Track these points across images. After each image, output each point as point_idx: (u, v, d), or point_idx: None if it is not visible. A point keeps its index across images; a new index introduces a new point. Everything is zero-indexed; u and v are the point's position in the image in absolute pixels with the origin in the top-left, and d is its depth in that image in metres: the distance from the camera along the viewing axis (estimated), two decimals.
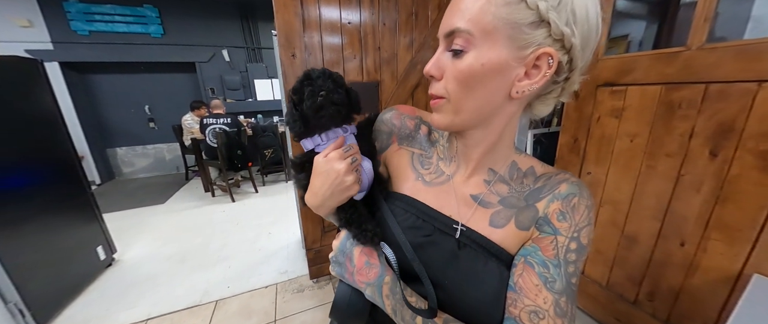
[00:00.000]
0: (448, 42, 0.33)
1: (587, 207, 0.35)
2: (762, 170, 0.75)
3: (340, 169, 0.38)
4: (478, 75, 0.32)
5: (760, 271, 0.77)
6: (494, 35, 0.30)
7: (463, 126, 0.37)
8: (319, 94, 0.38)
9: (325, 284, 1.65)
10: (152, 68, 4.01)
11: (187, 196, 3.33)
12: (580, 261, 0.34)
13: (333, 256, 0.44)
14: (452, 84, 0.33)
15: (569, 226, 0.35)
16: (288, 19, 1.24)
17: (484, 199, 0.40)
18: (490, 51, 0.30)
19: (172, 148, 4.38)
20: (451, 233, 0.39)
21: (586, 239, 0.35)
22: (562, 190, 0.36)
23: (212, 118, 3.03)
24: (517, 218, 0.37)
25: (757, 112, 0.75)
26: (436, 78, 0.35)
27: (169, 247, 2.16)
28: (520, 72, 0.31)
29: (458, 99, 0.34)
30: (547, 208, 0.36)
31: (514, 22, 0.29)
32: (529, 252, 0.35)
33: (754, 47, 0.75)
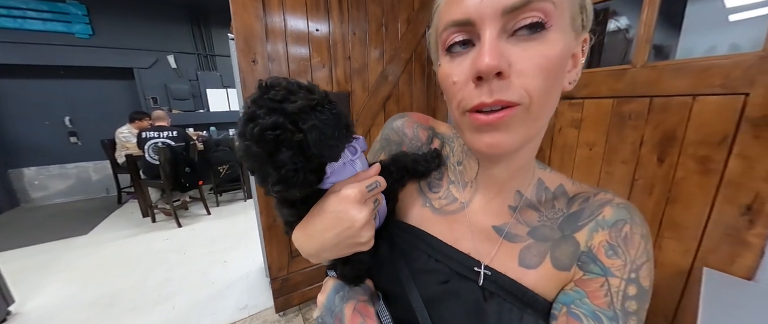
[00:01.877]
0: (510, 19, 0.23)
1: (642, 236, 0.28)
2: (702, 174, 0.85)
3: (356, 219, 0.27)
4: (563, 61, 0.25)
5: (707, 264, 0.86)
6: (565, 12, 0.24)
7: (531, 139, 0.28)
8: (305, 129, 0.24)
9: (293, 317, 1.47)
10: (76, 73, 3.42)
11: (120, 224, 2.82)
12: (643, 311, 0.27)
13: (318, 317, 0.34)
14: (536, 79, 0.24)
15: (623, 264, 0.27)
16: (247, 21, 1.13)
17: (510, 232, 0.32)
18: (565, 31, 0.25)
19: (100, 166, 3.73)
20: (473, 278, 0.30)
21: (647, 280, 0.27)
22: (608, 216, 0.29)
23: (153, 132, 2.65)
24: (554, 254, 0.30)
25: (693, 122, 0.85)
26: (503, 75, 0.24)
27: (91, 289, 1.76)
28: (569, 61, 0.27)
29: (542, 101, 0.25)
30: (590, 240, 0.29)
31: (573, 3, 0.25)
32: (573, 299, 0.27)
33: (686, 65, 0.85)
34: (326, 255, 0.31)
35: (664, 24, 1.78)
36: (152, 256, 2.14)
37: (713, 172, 0.83)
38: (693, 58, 0.84)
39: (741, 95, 0.76)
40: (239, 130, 0.25)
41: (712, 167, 0.83)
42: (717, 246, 0.85)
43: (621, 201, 0.31)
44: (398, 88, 1.56)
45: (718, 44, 1.80)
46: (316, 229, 0.29)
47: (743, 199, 0.78)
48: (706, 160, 0.84)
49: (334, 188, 0.29)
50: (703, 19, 1.71)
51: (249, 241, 2.29)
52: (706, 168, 0.84)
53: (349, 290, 0.35)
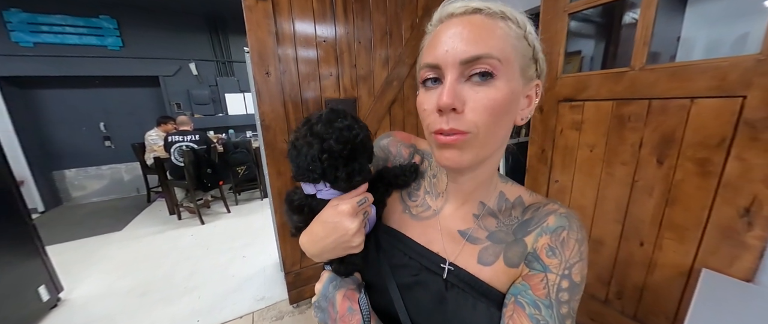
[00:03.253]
0: (467, 68, 0.30)
1: (577, 241, 0.33)
2: (701, 175, 0.85)
3: (349, 229, 0.34)
4: (507, 103, 0.31)
5: (707, 266, 0.86)
6: (513, 65, 0.31)
7: (481, 162, 0.35)
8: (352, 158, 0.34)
9: (306, 308, 1.57)
10: (109, 83, 3.72)
11: (150, 221, 3.06)
12: (574, 300, 0.32)
13: (315, 301, 0.42)
14: (482, 115, 0.30)
15: (559, 263, 0.33)
16: (261, 36, 1.22)
17: (473, 235, 0.38)
18: (511, 79, 0.31)
19: (131, 168, 4.03)
20: (439, 272, 0.37)
21: (578, 276, 0.32)
22: (551, 224, 0.34)
23: (178, 136, 2.85)
24: (506, 254, 0.35)
25: (692, 124, 0.85)
26: (457, 111, 0.30)
27: (127, 279, 1.94)
28: (523, 102, 0.34)
29: (488, 132, 0.31)
30: (535, 243, 0.34)
31: (524, 55, 0.32)
32: (520, 291, 0.33)
33: (684, 68, 0.86)
34: (326, 255, 0.38)
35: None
36: (179, 251, 2.33)
37: (712, 174, 0.83)
38: (690, 61, 0.85)
39: (738, 98, 0.77)
40: (312, 129, 0.34)
41: (711, 169, 0.83)
42: (717, 247, 0.85)
43: (564, 211, 0.36)
44: (403, 93, 1.62)
45: (751, 31, 1.70)
46: (318, 236, 0.37)
47: (742, 202, 0.79)
48: (705, 162, 0.84)
49: (332, 203, 0.36)
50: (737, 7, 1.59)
51: (265, 237, 2.42)
52: (705, 170, 0.84)
53: (341, 280, 0.42)
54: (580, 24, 1.97)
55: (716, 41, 1.81)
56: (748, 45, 1.38)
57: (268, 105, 1.29)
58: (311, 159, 0.34)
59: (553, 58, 1.17)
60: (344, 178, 0.34)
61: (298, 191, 0.40)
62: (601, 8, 1.91)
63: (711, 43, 1.79)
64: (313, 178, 0.35)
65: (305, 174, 0.35)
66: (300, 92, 1.35)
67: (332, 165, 0.34)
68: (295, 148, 0.35)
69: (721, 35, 1.79)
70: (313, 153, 0.33)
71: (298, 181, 0.38)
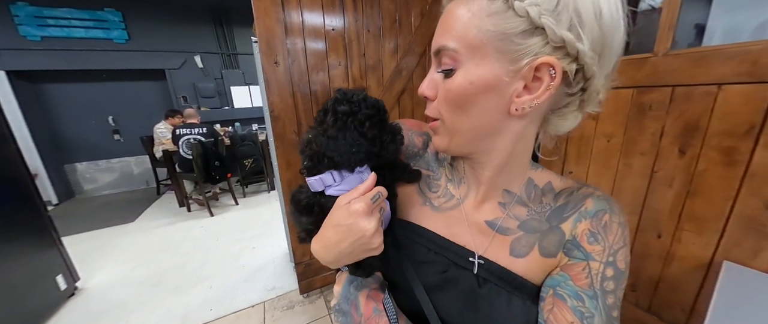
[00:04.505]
0: (437, 61, 0.31)
1: (620, 224, 0.31)
2: (725, 165, 0.82)
3: (366, 230, 0.30)
4: (468, 94, 0.29)
5: (729, 258, 0.84)
6: (482, 50, 0.27)
7: (461, 148, 0.34)
8: (363, 126, 0.33)
9: (316, 298, 1.59)
10: (116, 76, 3.73)
11: (160, 213, 3.11)
12: (620, 290, 0.30)
13: (336, 305, 0.39)
14: (444, 105, 0.31)
15: (603, 249, 0.30)
16: (269, 25, 1.20)
17: (502, 225, 0.35)
18: (479, 67, 0.28)
19: (140, 161, 4.08)
20: (469, 267, 0.34)
21: (623, 263, 0.30)
22: (589, 207, 0.32)
23: (186, 129, 2.86)
24: (541, 244, 0.33)
25: (718, 112, 0.82)
26: (430, 99, 0.33)
27: (140, 269, 1.99)
28: (518, 86, 0.28)
29: (451, 121, 0.31)
30: (574, 230, 0.32)
31: (502, 32, 0.26)
32: (559, 282, 0.31)
33: (711, 53, 0.82)
34: (344, 261, 0.34)
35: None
36: (190, 242, 2.37)
37: (738, 163, 0.80)
38: (718, 45, 0.81)
39: None
40: (337, 112, 0.33)
41: (737, 159, 0.80)
42: (740, 239, 0.83)
43: (601, 193, 0.33)
44: (412, 82, 1.59)
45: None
46: (332, 241, 0.32)
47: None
48: (731, 152, 0.81)
49: (340, 202, 0.32)
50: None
51: (274, 229, 2.45)
52: (731, 159, 0.81)
53: (361, 280, 0.40)
54: None
55: (734, 30, 1.72)
56: (766, 34, 1.32)
57: (276, 95, 1.27)
58: (352, 139, 0.32)
59: None
60: (391, 140, 0.35)
61: (304, 190, 0.37)
62: None
63: (728, 31, 1.71)
64: (358, 159, 0.33)
65: (349, 158, 0.32)
66: (309, 82, 1.34)
67: (375, 132, 0.34)
68: (329, 138, 0.32)
69: (739, 23, 1.71)
70: (352, 133, 0.32)
71: (314, 174, 0.35)
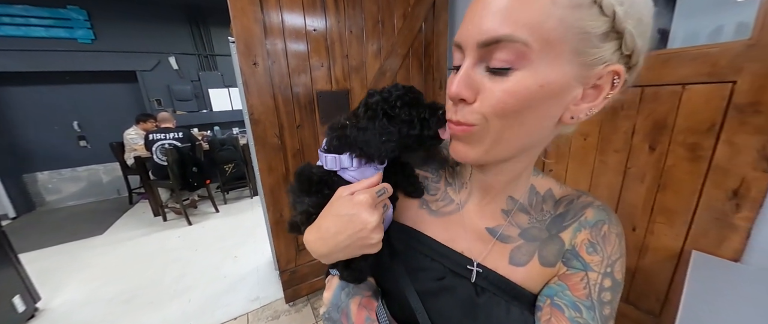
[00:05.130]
0: (485, 54, 0.25)
1: (618, 235, 0.31)
2: (691, 160, 0.87)
3: (368, 222, 0.28)
4: (534, 99, 0.24)
5: (697, 248, 0.89)
6: (558, 47, 0.23)
7: (497, 159, 0.30)
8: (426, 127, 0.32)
9: (303, 307, 1.54)
10: (81, 78, 3.49)
11: (133, 223, 2.92)
12: (616, 300, 0.30)
13: (325, 313, 0.37)
14: (494, 111, 0.25)
15: (601, 260, 0.30)
16: (247, 25, 1.16)
17: (504, 233, 0.34)
18: (552, 68, 0.23)
19: (110, 168, 3.83)
20: (466, 275, 0.33)
21: (620, 274, 0.30)
22: (589, 217, 0.32)
23: (160, 133, 2.72)
24: (541, 253, 0.32)
25: (683, 110, 0.87)
26: (468, 101, 0.26)
27: (111, 286, 1.85)
28: (577, 93, 0.26)
29: (499, 129, 0.26)
30: (574, 239, 0.32)
31: (585, 31, 0.22)
32: (556, 292, 0.30)
33: (675, 55, 0.87)
34: (337, 255, 0.31)
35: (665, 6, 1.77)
36: (166, 253, 2.24)
37: (702, 158, 0.85)
38: (681, 47, 0.86)
39: (728, 83, 0.78)
40: (368, 103, 0.32)
41: (701, 154, 0.85)
42: (706, 230, 0.88)
43: (600, 203, 0.33)
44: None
45: (725, 24, 1.78)
46: (330, 231, 0.30)
47: (730, 184, 0.81)
48: (695, 147, 0.86)
49: (342, 193, 0.30)
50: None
51: (257, 236, 2.37)
52: (695, 155, 0.86)
53: (353, 287, 0.37)
54: None
55: (693, 33, 1.88)
56: (722, 37, 1.44)
57: (256, 97, 1.23)
58: (381, 127, 0.31)
59: None
60: (431, 114, 0.32)
61: (315, 167, 0.34)
62: None
63: (688, 34, 1.86)
64: (388, 149, 0.31)
65: (379, 148, 0.31)
66: (290, 84, 1.30)
67: (409, 112, 0.31)
68: (360, 129, 0.31)
69: (697, 28, 1.87)
70: (381, 121, 0.31)
71: (325, 151, 0.34)
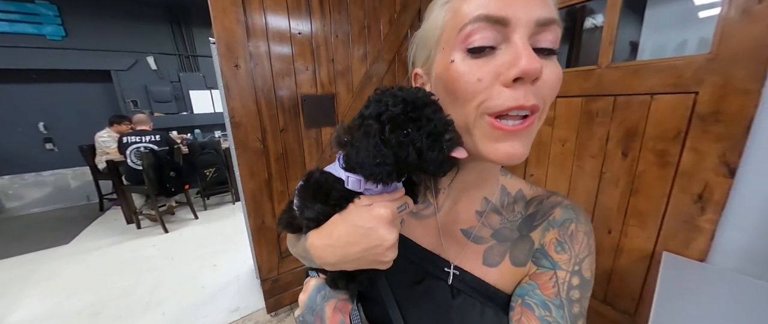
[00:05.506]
0: (539, 32, 0.24)
1: (586, 233, 0.32)
2: (660, 166, 0.92)
3: (385, 239, 0.26)
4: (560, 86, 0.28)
5: (668, 249, 0.93)
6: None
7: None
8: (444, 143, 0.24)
9: (285, 317, 1.49)
10: (49, 77, 3.29)
11: (103, 231, 2.75)
12: (585, 299, 0.30)
13: (300, 316, 0.37)
14: (552, 92, 0.26)
15: (569, 258, 0.31)
16: (228, 25, 1.13)
17: (477, 234, 0.35)
18: None
19: (79, 173, 3.61)
20: (443, 277, 0.33)
21: (589, 272, 0.31)
22: (557, 217, 0.33)
23: (135, 136, 2.59)
24: (512, 253, 0.33)
25: (652, 118, 0.92)
26: (538, 81, 0.25)
27: (76, 298, 1.72)
28: None
29: (546, 110, 0.28)
30: (542, 238, 0.32)
31: None
32: (527, 291, 0.31)
33: (644, 67, 0.92)
34: (345, 266, 0.30)
35: (633, 22, 1.90)
36: (139, 263, 2.11)
37: (669, 164, 0.90)
38: (650, 59, 0.91)
39: (692, 94, 0.83)
40: (363, 115, 0.26)
41: (669, 160, 0.90)
42: (675, 232, 0.92)
43: (569, 203, 0.34)
44: None
45: (689, 39, 1.94)
46: (342, 241, 0.28)
47: (695, 189, 0.86)
48: (663, 154, 0.91)
49: (361, 202, 0.28)
50: (677, 16, 1.84)
51: (238, 244, 2.28)
52: (664, 161, 0.91)
53: (329, 290, 0.37)
54: None
55: (661, 47, 2.04)
56: (687, 51, 1.55)
57: (238, 100, 1.19)
58: (375, 148, 0.25)
59: None
60: (431, 145, 0.24)
61: (334, 179, 0.29)
62: (566, 12, 2.04)
63: (656, 47, 2.02)
64: (384, 172, 0.25)
65: (372, 171, 0.25)
66: (274, 87, 1.28)
67: (401, 134, 0.25)
68: (352, 146, 0.27)
69: (665, 41, 2.04)
70: (374, 139, 0.25)
71: (346, 169, 0.29)
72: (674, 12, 1.94)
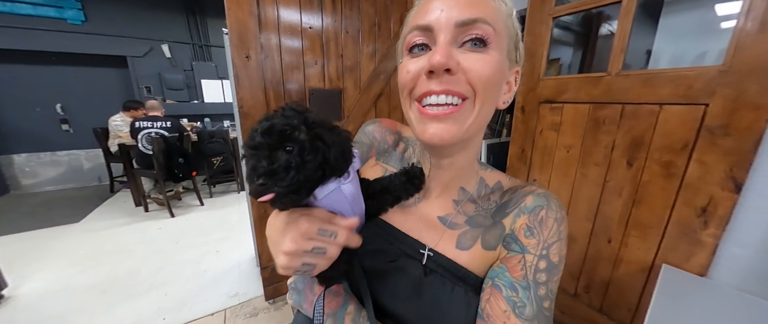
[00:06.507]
0: (462, 32, 0.29)
1: (556, 220, 0.33)
2: (665, 177, 0.91)
3: (281, 245, 0.28)
4: (498, 74, 0.30)
5: (667, 261, 0.92)
6: (503, 41, 0.30)
7: (467, 137, 0.32)
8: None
9: (282, 305, 1.52)
10: (68, 60, 3.38)
11: (112, 212, 2.84)
12: (553, 282, 0.32)
13: (291, 283, 0.40)
14: (480, 78, 0.29)
15: (537, 243, 0.32)
16: (241, 17, 1.15)
17: (452, 221, 0.37)
18: (501, 55, 0.30)
19: (92, 155, 3.72)
20: (418, 258, 0.36)
21: (557, 256, 0.32)
22: (529, 203, 0.34)
23: (147, 121, 2.66)
24: (484, 238, 0.35)
25: (660, 129, 0.90)
26: (451, 71, 0.29)
27: (85, 275, 1.79)
28: (505, 86, 0.33)
29: (482, 99, 0.30)
30: (513, 224, 0.34)
31: (514, 36, 0.32)
32: (497, 274, 0.32)
33: (655, 76, 0.91)
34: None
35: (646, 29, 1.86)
36: (145, 245, 2.18)
37: (675, 176, 0.89)
38: (661, 69, 0.90)
39: (702, 105, 0.82)
40: (252, 127, 0.27)
41: (674, 171, 0.89)
42: (676, 244, 0.91)
43: (542, 191, 0.36)
44: (390, 87, 1.60)
45: (709, 50, 1.89)
46: (272, 227, 0.32)
47: (700, 202, 0.85)
48: (669, 165, 0.90)
49: (304, 211, 0.29)
50: (695, 25, 1.80)
51: (241, 232, 2.33)
52: (669, 172, 0.90)
53: None
54: (561, 31, 2.04)
55: (680, 57, 2.00)
56: (706, 62, 1.52)
57: (247, 90, 1.22)
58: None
59: (536, 61, 1.19)
60: (264, 173, 0.25)
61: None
62: (581, 17, 2.00)
63: (675, 57, 1.98)
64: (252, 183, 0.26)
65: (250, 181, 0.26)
66: (283, 80, 1.30)
67: (252, 156, 0.26)
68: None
69: (684, 51, 1.99)
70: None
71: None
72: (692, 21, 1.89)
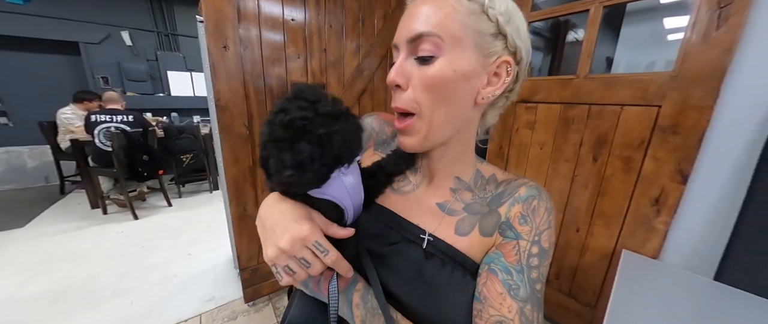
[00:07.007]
0: (413, 48, 0.32)
1: (547, 209, 0.36)
2: (625, 171, 1.00)
3: (269, 246, 0.30)
4: (450, 81, 0.31)
5: (626, 247, 1.02)
6: (463, 42, 0.31)
7: (435, 141, 0.36)
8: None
9: (263, 306, 1.47)
10: (7, 44, 2.99)
11: (64, 215, 2.56)
12: (544, 266, 0.34)
13: None
14: (423, 93, 0.32)
15: (530, 230, 0.35)
16: (218, 5, 1.09)
17: (451, 208, 0.39)
18: (461, 57, 0.31)
19: (38, 152, 3.32)
20: (419, 242, 0.37)
21: (547, 243, 0.35)
22: (522, 193, 0.37)
23: (106, 115, 2.42)
24: (481, 224, 0.37)
25: (621, 128, 1.00)
26: (402, 87, 0.33)
27: (34, 285, 1.60)
28: (483, 80, 0.33)
29: (430, 110, 0.33)
30: (508, 212, 0.37)
31: (479, 31, 0.31)
32: (493, 259, 0.35)
33: (616, 80, 1.00)
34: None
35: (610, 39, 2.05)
36: (104, 250, 1.99)
37: (633, 170, 0.99)
38: (622, 73, 0.99)
39: (655, 107, 0.92)
40: (268, 119, 0.28)
41: (632, 166, 0.99)
42: (633, 231, 1.02)
43: (533, 183, 0.39)
44: (373, 83, 1.60)
45: (657, 60, 2.12)
46: (268, 211, 0.33)
47: (653, 193, 0.95)
48: (629, 160, 1.00)
49: (308, 213, 0.31)
50: (648, 37, 2.03)
51: (215, 233, 2.21)
52: (628, 167, 1.00)
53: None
54: (532, 37, 2.17)
55: (636, 64, 2.22)
56: (655, 69, 1.72)
57: (224, 83, 1.16)
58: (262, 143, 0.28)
59: None
60: (292, 165, 0.26)
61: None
62: (551, 24, 2.14)
63: (631, 65, 2.21)
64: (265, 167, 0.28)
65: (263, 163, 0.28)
66: (263, 73, 1.25)
67: (276, 149, 0.27)
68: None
69: (637, 59, 2.23)
70: (263, 136, 0.28)
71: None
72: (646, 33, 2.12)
